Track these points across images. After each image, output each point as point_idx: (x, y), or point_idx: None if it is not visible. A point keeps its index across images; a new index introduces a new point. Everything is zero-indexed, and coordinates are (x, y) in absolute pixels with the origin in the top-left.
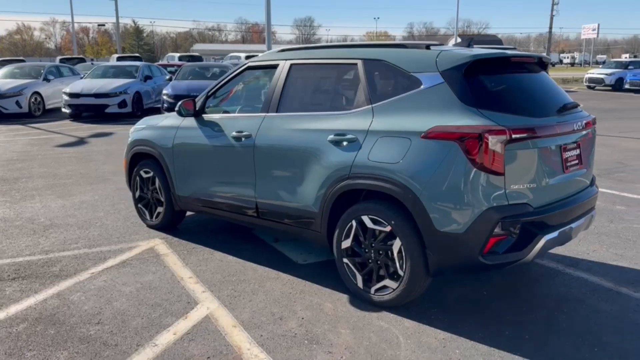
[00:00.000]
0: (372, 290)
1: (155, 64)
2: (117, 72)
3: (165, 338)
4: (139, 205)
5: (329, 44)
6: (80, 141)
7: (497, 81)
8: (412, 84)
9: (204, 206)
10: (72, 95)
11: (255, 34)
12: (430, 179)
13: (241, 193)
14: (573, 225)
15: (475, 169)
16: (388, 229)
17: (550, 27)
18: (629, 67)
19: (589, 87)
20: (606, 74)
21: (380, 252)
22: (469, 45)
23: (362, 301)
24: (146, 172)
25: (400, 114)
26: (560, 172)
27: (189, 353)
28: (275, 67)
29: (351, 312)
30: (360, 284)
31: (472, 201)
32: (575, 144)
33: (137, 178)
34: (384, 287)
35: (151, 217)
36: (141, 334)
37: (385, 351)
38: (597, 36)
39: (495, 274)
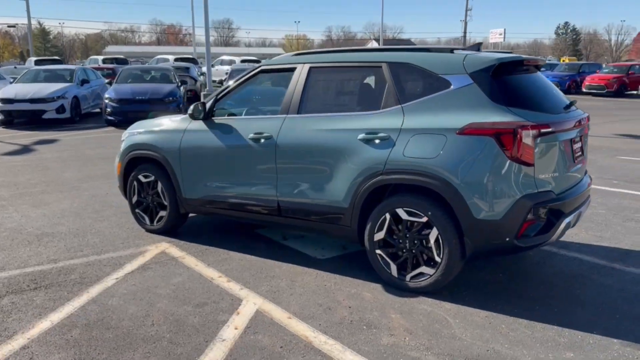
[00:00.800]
0: (408, 277)
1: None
2: (50, 76)
3: (230, 333)
4: (137, 211)
5: (348, 48)
6: (25, 149)
7: (517, 81)
8: (441, 85)
9: (216, 208)
10: (4, 100)
11: (172, 36)
12: (467, 171)
13: (261, 192)
14: (581, 209)
15: (509, 161)
16: (424, 219)
17: (465, 32)
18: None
19: None
20: None
21: (416, 241)
22: (478, 50)
23: (395, 289)
24: (146, 177)
25: (431, 113)
26: (572, 162)
27: (261, 344)
28: (291, 70)
29: (391, 299)
30: (394, 272)
31: (508, 190)
32: (579, 138)
33: (135, 183)
34: (420, 274)
35: (151, 221)
36: (203, 331)
37: (440, 330)
38: (504, 40)
39: (504, 259)
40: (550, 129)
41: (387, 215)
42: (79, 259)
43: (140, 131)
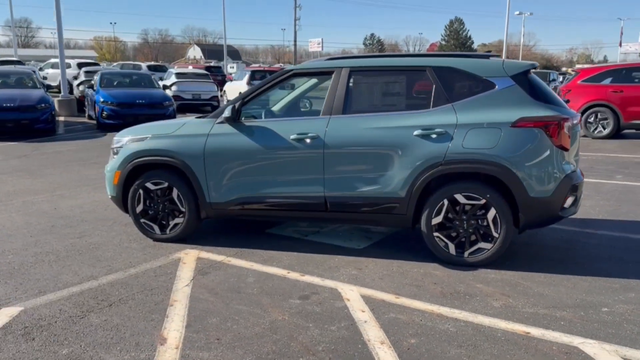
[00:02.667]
0: (466, 254)
1: None
2: (17, 80)
3: (361, 316)
4: (143, 220)
5: (388, 53)
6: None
7: (538, 82)
8: (486, 86)
9: (249, 209)
10: None
11: None
12: (522, 157)
13: (306, 190)
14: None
15: (555, 148)
16: (483, 201)
17: (295, 41)
18: None
19: None
20: None
21: (473, 221)
22: (488, 57)
23: (454, 265)
24: (156, 184)
25: (482, 110)
26: (578, 149)
27: (403, 321)
28: (327, 73)
29: (459, 273)
30: (452, 251)
31: (556, 172)
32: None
33: (140, 191)
34: (479, 249)
35: (162, 230)
36: (337, 318)
37: (526, 291)
38: (322, 49)
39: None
40: (575, 122)
41: (445, 201)
42: (117, 272)
43: (148, 136)
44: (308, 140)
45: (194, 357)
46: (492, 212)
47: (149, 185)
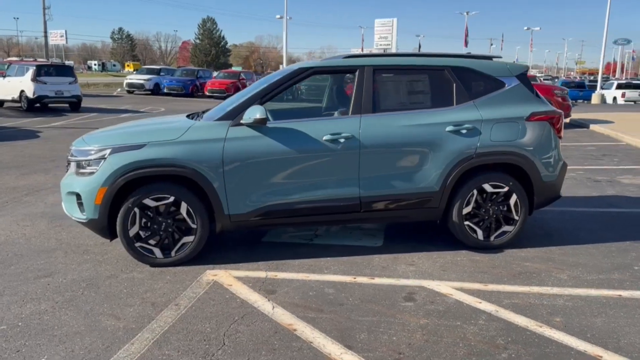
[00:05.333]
0: (492, 238)
1: None
2: None
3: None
4: (139, 245)
5: (408, 52)
6: None
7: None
8: (498, 85)
9: (275, 218)
10: None
11: None
12: (537, 147)
13: (340, 192)
14: None
15: (557, 137)
16: (506, 189)
17: (45, 32)
18: (161, 73)
19: (129, 91)
20: (145, 80)
21: (498, 207)
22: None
23: (480, 249)
24: (157, 199)
25: (499, 106)
26: None
27: (522, 305)
28: (349, 71)
29: (495, 257)
30: (480, 237)
31: (560, 158)
32: None
33: (136, 210)
34: (503, 232)
35: (165, 252)
36: (460, 314)
37: (566, 262)
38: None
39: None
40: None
41: (475, 191)
42: (165, 312)
43: (138, 145)
44: (342, 140)
45: None
46: (513, 198)
47: (147, 202)
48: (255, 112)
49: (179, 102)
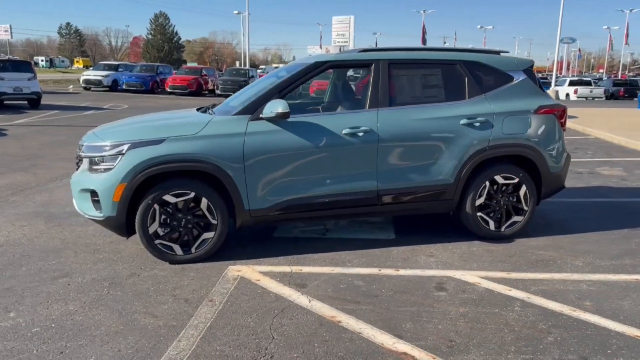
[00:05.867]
0: (503, 228)
1: None
2: None
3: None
4: (158, 242)
5: (421, 47)
6: None
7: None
8: (507, 79)
9: (294, 212)
10: None
11: None
12: (545, 139)
13: (359, 185)
14: None
15: (562, 130)
16: (516, 180)
17: None
18: (119, 69)
19: (85, 88)
20: (103, 76)
21: (509, 198)
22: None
23: (492, 239)
24: (178, 195)
25: (509, 100)
26: None
27: (552, 291)
28: (365, 65)
29: (509, 246)
30: (492, 227)
31: (564, 150)
32: None
33: (156, 207)
34: (513, 222)
35: (185, 249)
36: (492, 300)
37: (576, 249)
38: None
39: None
40: None
41: (487, 183)
42: (201, 309)
43: (157, 140)
44: (361, 134)
45: None
46: (523, 189)
47: (167, 198)
48: (277, 106)
49: (141, 98)
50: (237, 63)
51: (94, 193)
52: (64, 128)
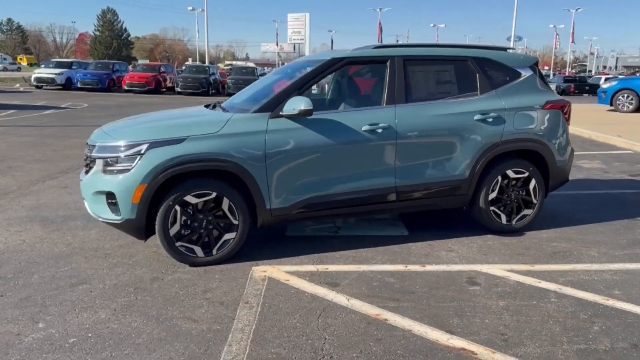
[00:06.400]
0: (514, 221)
1: None
2: None
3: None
4: (179, 244)
5: (433, 43)
6: None
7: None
8: (515, 75)
9: (315, 210)
10: None
11: None
12: (553, 134)
13: (378, 182)
14: None
15: (567, 123)
16: (526, 174)
17: None
18: (73, 66)
19: (37, 86)
20: (56, 74)
21: (519, 192)
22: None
23: (503, 233)
24: (199, 196)
25: (518, 95)
26: None
27: (580, 281)
28: (381, 62)
29: (517, 239)
30: (504, 221)
31: (569, 143)
32: None
33: (177, 208)
34: (523, 216)
35: (206, 251)
36: (527, 292)
37: (587, 240)
38: None
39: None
40: None
41: (499, 178)
42: (245, 311)
43: (178, 139)
44: (380, 131)
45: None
46: (532, 183)
47: (189, 198)
48: (299, 103)
49: (99, 97)
50: (190, 60)
51: (110, 195)
52: (29, 128)
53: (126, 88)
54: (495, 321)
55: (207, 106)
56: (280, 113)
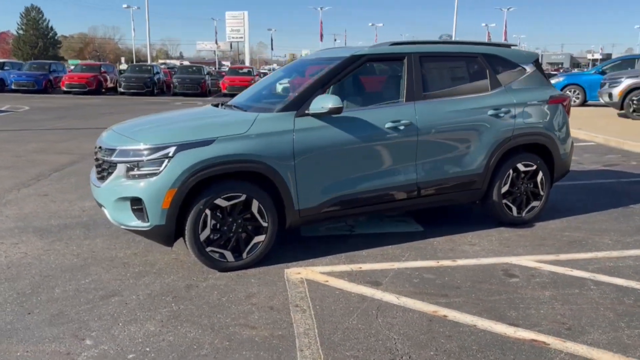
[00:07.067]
0: (524, 213)
1: None
2: None
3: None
4: (210, 249)
5: (445, 40)
6: None
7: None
8: (521, 71)
9: (341, 209)
10: None
11: None
12: (557, 128)
13: (401, 179)
14: None
15: (567, 117)
16: (535, 167)
17: None
18: (5, 67)
19: None
20: None
21: (527, 184)
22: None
23: (513, 225)
24: (229, 199)
25: (525, 91)
26: None
27: (611, 268)
28: (399, 59)
29: (530, 230)
30: (515, 213)
31: (569, 137)
32: None
33: (207, 212)
34: (532, 207)
35: (236, 255)
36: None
37: (596, 229)
38: None
39: None
40: None
41: (511, 171)
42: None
43: (206, 140)
44: (402, 127)
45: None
46: (540, 175)
47: (219, 202)
48: (328, 101)
49: (37, 98)
50: (122, 59)
51: (136, 201)
52: None
53: (65, 89)
54: (550, 311)
55: (215, 105)
56: (306, 112)
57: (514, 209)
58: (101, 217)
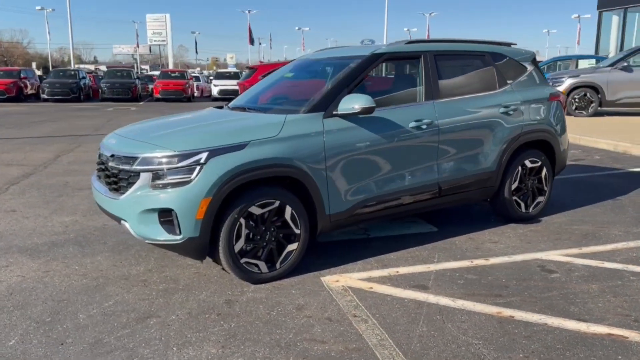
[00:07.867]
0: (531, 208)
1: None
2: None
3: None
4: (244, 261)
5: (455, 39)
6: None
7: None
8: (522, 69)
9: (369, 212)
10: None
11: None
12: (557, 124)
13: (423, 179)
14: None
15: (564, 113)
16: (539, 164)
17: None
18: None
19: None
20: None
21: (535, 181)
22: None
23: (522, 220)
24: (263, 206)
25: (528, 89)
26: None
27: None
28: (415, 57)
29: (540, 225)
30: (523, 209)
31: (566, 132)
32: None
33: (242, 221)
34: (538, 203)
35: (269, 265)
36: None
37: (601, 221)
38: None
39: None
40: None
41: (520, 168)
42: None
43: (239, 144)
44: (424, 127)
45: None
46: (544, 171)
47: (253, 209)
48: (359, 101)
49: None
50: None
51: (165, 213)
52: None
53: None
54: (609, 304)
55: (219, 108)
56: (334, 112)
57: (523, 205)
58: (90, 233)
